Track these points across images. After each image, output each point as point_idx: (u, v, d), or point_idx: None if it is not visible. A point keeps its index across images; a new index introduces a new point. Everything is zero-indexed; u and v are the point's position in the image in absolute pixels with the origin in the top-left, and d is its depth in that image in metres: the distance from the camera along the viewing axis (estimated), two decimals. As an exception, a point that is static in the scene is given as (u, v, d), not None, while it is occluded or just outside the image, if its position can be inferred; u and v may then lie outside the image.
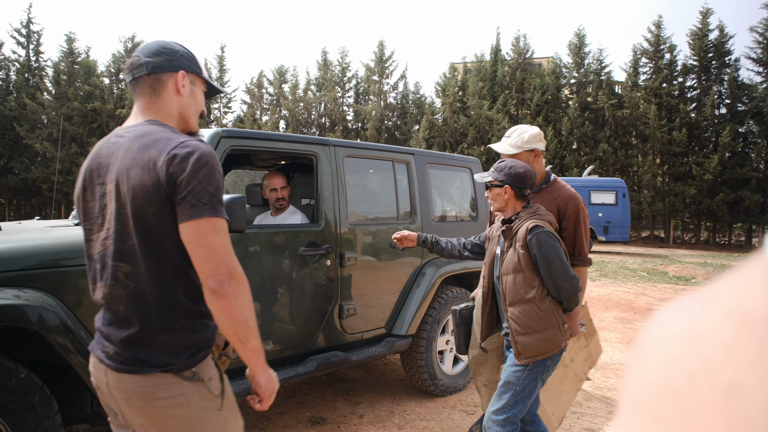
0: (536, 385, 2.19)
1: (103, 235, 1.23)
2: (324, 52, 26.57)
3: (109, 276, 1.21)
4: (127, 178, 1.18)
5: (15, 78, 22.62)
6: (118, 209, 1.20)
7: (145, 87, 1.29)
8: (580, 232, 2.44)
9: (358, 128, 25.61)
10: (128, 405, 1.19)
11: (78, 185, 1.32)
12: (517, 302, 2.16)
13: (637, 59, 21.63)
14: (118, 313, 1.21)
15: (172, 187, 1.15)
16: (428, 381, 3.67)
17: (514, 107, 23.50)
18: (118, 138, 1.27)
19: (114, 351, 1.20)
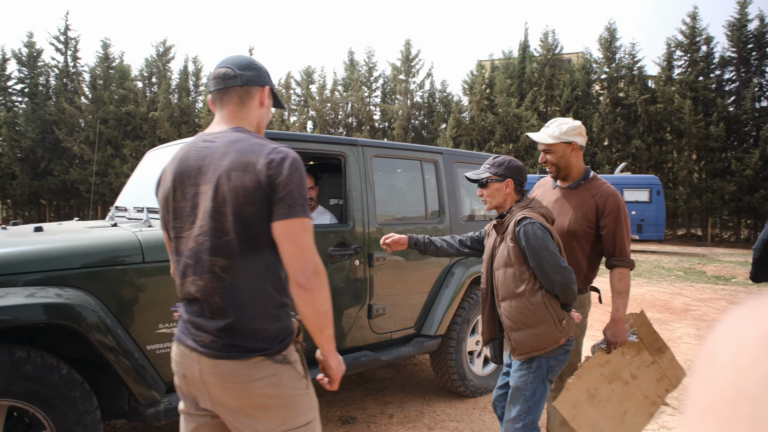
0: (545, 387, 2.13)
1: (195, 232, 1.32)
2: (350, 53, 26.68)
3: (205, 270, 1.30)
4: (227, 180, 1.28)
5: (54, 83, 23.43)
6: (214, 208, 1.29)
7: (234, 96, 1.40)
8: (620, 231, 2.34)
9: (384, 128, 25.61)
10: (224, 389, 1.28)
11: (166, 186, 1.39)
12: (509, 297, 2.12)
13: (671, 52, 21.00)
14: (214, 305, 1.29)
15: (271, 188, 1.27)
16: (458, 381, 3.64)
17: (543, 104, 23.13)
18: (207, 143, 1.36)
19: (210, 339, 1.28)
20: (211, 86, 1.44)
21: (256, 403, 1.29)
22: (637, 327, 2.47)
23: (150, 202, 3.03)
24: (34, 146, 22.03)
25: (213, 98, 1.44)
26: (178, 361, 1.38)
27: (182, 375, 1.37)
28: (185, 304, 1.38)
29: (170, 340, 2.38)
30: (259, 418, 1.30)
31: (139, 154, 21.72)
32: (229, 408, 1.32)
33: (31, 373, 1.95)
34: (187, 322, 1.35)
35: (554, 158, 2.45)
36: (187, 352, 1.33)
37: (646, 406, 2.46)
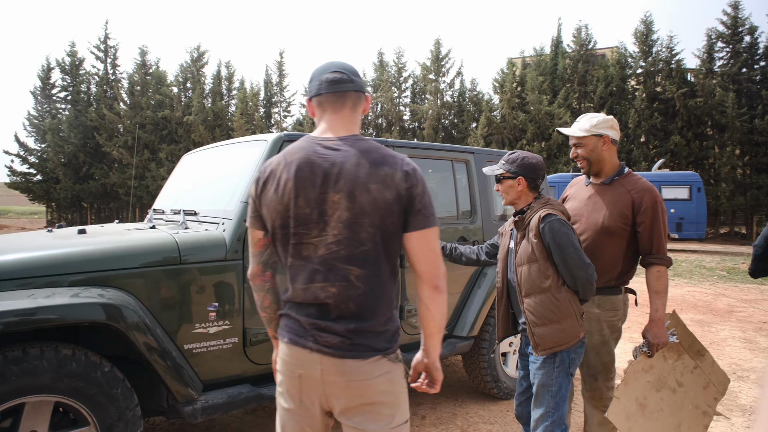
0: (569, 381, 2.15)
1: (326, 240, 1.34)
2: (380, 54, 26.75)
3: (339, 277, 1.34)
4: (366, 192, 1.32)
5: (95, 90, 24.32)
6: (350, 218, 1.32)
7: (349, 102, 1.44)
8: (657, 227, 2.28)
9: (414, 128, 25.56)
10: (347, 387, 1.34)
11: (286, 190, 1.37)
12: (533, 293, 2.11)
13: (711, 44, 20.29)
14: (346, 310, 1.34)
15: (409, 200, 1.35)
16: (491, 383, 3.60)
17: (575, 101, 22.67)
18: (330, 150, 1.37)
19: (338, 341, 1.33)
20: (323, 89, 1.43)
21: (372, 399, 1.35)
22: (674, 327, 2.40)
23: (186, 205, 3.11)
24: (76, 151, 22.94)
25: (323, 101, 1.44)
26: (291, 362, 1.39)
27: (297, 375, 1.39)
28: (304, 307, 1.39)
29: (206, 340, 2.45)
30: (372, 414, 1.36)
31: (175, 157, 22.31)
32: (344, 406, 1.37)
33: (75, 371, 2.02)
34: (308, 324, 1.36)
35: (585, 152, 2.39)
36: (307, 353, 1.36)
37: (699, 417, 2.37)
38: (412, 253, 1.39)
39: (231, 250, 2.54)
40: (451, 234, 3.52)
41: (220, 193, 2.93)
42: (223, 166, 3.19)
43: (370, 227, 1.33)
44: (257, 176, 1.46)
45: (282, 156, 1.42)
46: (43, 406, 2.01)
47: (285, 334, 1.41)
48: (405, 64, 26.21)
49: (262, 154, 2.74)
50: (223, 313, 2.51)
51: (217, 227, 2.63)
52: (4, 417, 1.97)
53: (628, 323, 5.95)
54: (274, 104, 26.61)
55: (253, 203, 1.46)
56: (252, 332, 2.58)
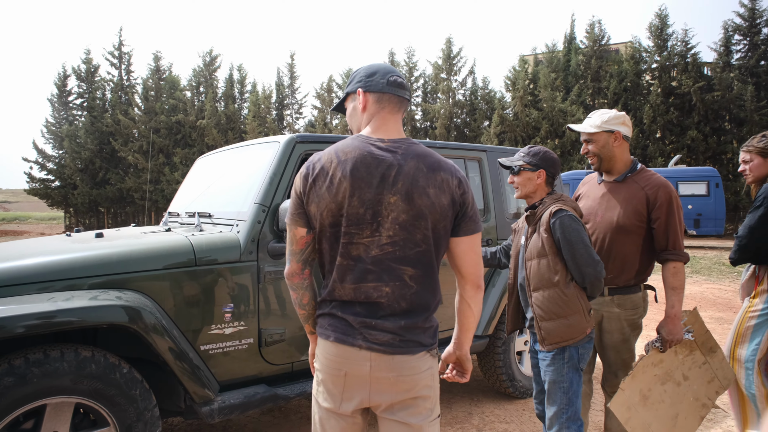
0: (579, 376, 2.16)
1: (380, 240, 1.37)
2: (391, 54, 26.72)
3: (393, 277, 1.37)
4: (425, 196, 1.37)
5: (110, 96, 24.67)
6: (406, 220, 1.36)
7: (404, 109, 1.50)
8: (673, 223, 2.26)
9: (426, 127, 25.52)
10: (396, 382, 1.38)
11: (342, 190, 1.36)
12: (542, 287, 2.14)
13: (728, 37, 19.96)
14: (398, 307, 1.38)
15: (462, 206, 1.42)
16: (507, 382, 3.58)
17: (589, 97, 22.45)
18: (386, 152, 1.39)
19: (389, 338, 1.37)
20: (388, 88, 1.45)
21: (417, 393, 1.40)
22: (691, 324, 2.39)
23: (201, 207, 3.13)
24: (93, 157, 23.30)
25: (384, 99, 1.46)
26: (337, 360, 1.40)
27: (343, 374, 1.40)
28: (351, 305, 1.40)
29: (222, 341, 2.47)
30: (414, 408, 1.41)
31: (189, 161, 22.55)
32: (390, 402, 1.40)
33: (95, 372, 2.05)
34: (356, 323, 1.38)
35: (596, 148, 2.38)
36: (356, 351, 1.38)
37: (697, 409, 2.41)
38: (460, 256, 1.46)
39: (245, 251, 2.55)
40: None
41: (233, 195, 2.94)
42: (237, 168, 3.21)
43: (425, 230, 1.37)
44: (305, 172, 1.44)
45: (334, 153, 1.41)
46: (64, 407, 2.04)
47: (330, 333, 1.42)
48: (416, 63, 26.19)
49: (275, 156, 2.76)
50: (239, 314, 2.52)
51: (232, 229, 2.65)
52: (26, 418, 2.01)
53: (645, 319, 5.89)
54: (286, 106, 26.76)
55: (299, 199, 1.44)
56: (267, 333, 2.59)
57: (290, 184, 2.65)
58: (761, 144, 2.59)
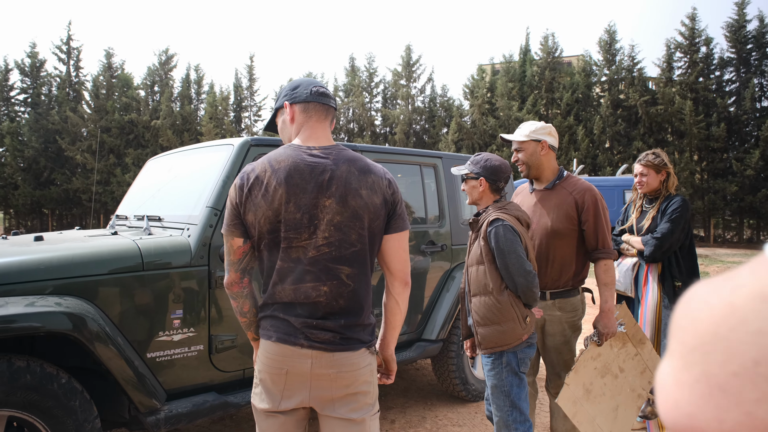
0: (520, 379, 2.21)
1: (316, 242, 1.42)
2: (351, 59, 26.73)
3: (330, 277, 1.43)
4: (358, 197, 1.43)
5: (57, 93, 23.55)
6: (341, 221, 1.42)
7: (330, 116, 1.57)
8: (600, 224, 2.40)
9: (386, 133, 25.64)
10: (336, 378, 1.43)
11: (278, 197, 1.41)
12: (479, 293, 2.21)
13: (670, 54, 21.01)
14: (336, 306, 1.44)
15: (392, 206, 1.50)
16: (460, 386, 3.63)
17: (543, 107, 23.13)
18: (317, 158, 1.46)
19: (330, 336, 1.42)
20: (312, 98, 1.52)
21: (357, 389, 1.46)
22: (622, 318, 2.55)
23: (150, 210, 3.04)
24: (36, 156, 22.14)
25: (310, 109, 1.53)
26: (278, 359, 1.44)
27: (284, 372, 1.44)
28: (292, 306, 1.45)
29: (170, 348, 2.40)
30: (355, 403, 1.46)
31: (141, 162, 21.80)
32: (330, 398, 1.45)
33: (30, 383, 1.95)
34: (298, 324, 1.43)
35: (525, 156, 2.49)
36: (297, 350, 1.42)
37: (634, 399, 2.55)
38: (389, 253, 1.53)
39: (196, 255, 2.50)
40: (420, 237, 3.54)
41: (185, 198, 2.88)
42: (189, 170, 3.14)
43: (360, 229, 1.44)
44: (239, 182, 1.47)
45: (267, 162, 1.46)
46: (-4, 420, 1.93)
47: (272, 334, 1.46)
48: (376, 69, 26.29)
49: (228, 159, 2.71)
50: (188, 320, 2.46)
51: (182, 233, 2.59)
52: (-47, 433, 1.89)
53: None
54: (245, 108, 26.30)
55: (235, 209, 1.47)
56: (218, 339, 2.54)
57: None
58: (656, 161, 3.00)
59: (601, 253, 2.39)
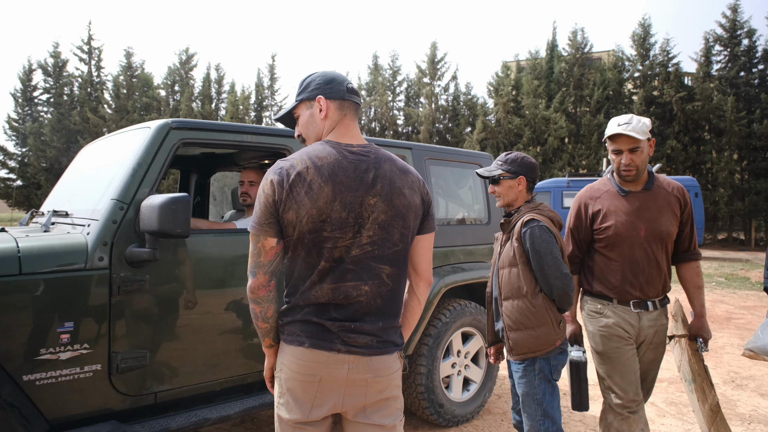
0: (553, 387, 2.13)
1: (360, 241, 1.38)
2: (375, 57, 26.40)
3: (372, 276, 1.39)
4: (402, 196, 1.42)
5: (78, 93, 23.85)
6: (385, 220, 1.39)
7: (356, 113, 1.54)
8: (693, 223, 2.32)
9: (408, 132, 25.15)
10: (373, 383, 1.39)
11: (323, 196, 1.36)
12: (511, 297, 2.13)
13: (709, 47, 19.88)
14: (374, 306, 1.40)
15: (426, 205, 1.50)
16: (429, 409, 3.05)
17: (572, 105, 22.24)
18: (360, 156, 1.43)
19: (368, 340, 1.38)
20: (348, 96, 1.50)
21: (391, 394, 1.44)
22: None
23: (58, 205, 2.67)
24: (59, 156, 22.46)
25: (346, 106, 1.50)
26: (312, 366, 1.38)
27: (317, 379, 1.38)
28: (326, 309, 1.39)
29: (56, 368, 2.00)
30: (387, 409, 1.43)
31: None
32: (362, 404, 1.41)
33: None
34: (334, 328, 1.37)
35: (640, 158, 2.19)
36: (333, 355, 1.37)
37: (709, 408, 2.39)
38: (419, 253, 1.52)
39: (94, 257, 2.09)
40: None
41: (93, 189, 2.50)
42: (105, 158, 2.75)
43: (403, 228, 1.42)
44: (278, 178, 1.38)
45: (307, 158, 1.40)
46: None
47: (305, 340, 1.39)
48: (399, 67, 25.88)
49: (143, 143, 2.35)
50: (81, 334, 2.05)
51: (83, 230, 2.21)
52: None
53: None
54: (266, 108, 26.23)
55: (272, 207, 1.38)
56: (121, 357, 2.13)
57: (161, 176, 2.31)
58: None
59: (694, 254, 2.32)
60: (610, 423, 2.23)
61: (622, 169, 2.19)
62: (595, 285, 2.27)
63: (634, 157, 2.17)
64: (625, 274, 2.20)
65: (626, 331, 2.22)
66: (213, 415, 2.33)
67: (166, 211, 2.02)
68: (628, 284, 2.20)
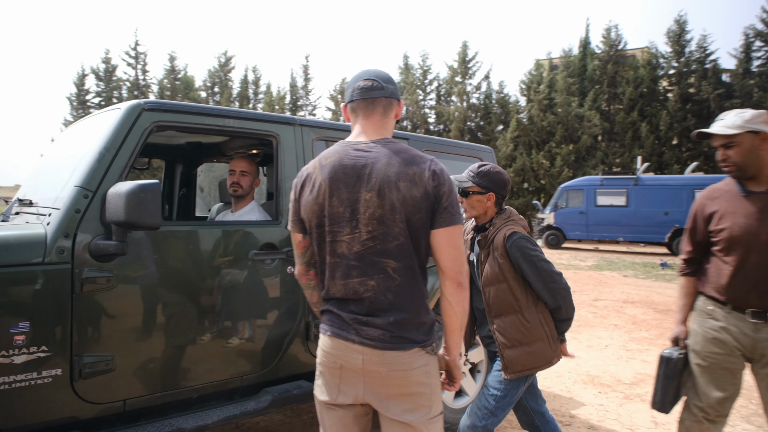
0: (518, 393, 2.07)
1: (360, 237, 1.41)
2: (405, 57, 26.64)
3: (377, 271, 1.40)
4: (396, 190, 1.39)
5: (126, 96, 25.18)
6: (383, 215, 1.39)
7: (379, 107, 1.51)
8: None
9: (440, 130, 25.32)
10: (387, 377, 1.40)
11: (321, 191, 1.45)
12: (503, 313, 2.06)
13: (749, 43, 19.21)
14: (385, 302, 1.41)
15: (436, 198, 1.41)
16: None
17: (605, 103, 21.91)
18: (361, 152, 1.45)
19: (379, 333, 1.39)
20: (355, 96, 1.52)
21: (411, 390, 1.41)
22: None
23: (23, 193, 2.62)
24: (108, 154, 23.74)
25: (356, 107, 1.53)
26: (334, 354, 1.45)
27: (339, 366, 1.45)
28: (344, 302, 1.45)
29: (9, 373, 1.82)
30: (410, 404, 1.42)
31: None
32: (383, 396, 1.42)
33: None
34: (349, 320, 1.43)
35: (739, 154, 2.00)
36: (350, 345, 1.41)
37: None
38: (438, 249, 1.45)
39: (53, 250, 1.89)
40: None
41: (57, 176, 2.30)
42: (76, 141, 2.54)
43: (400, 222, 1.40)
44: (295, 181, 1.54)
45: (317, 160, 1.50)
46: None
47: (327, 328, 1.47)
48: (430, 66, 26.02)
49: (112, 126, 2.14)
50: (39, 335, 1.85)
51: (43, 220, 2.03)
52: None
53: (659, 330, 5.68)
54: (300, 107, 26.89)
55: (294, 206, 1.53)
56: (84, 361, 1.93)
57: (131, 162, 2.12)
58: None
59: None
60: (683, 421, 2.12)
61: (720, 165, 2.07)
62: (709, 288, 2.09)
63: (729, 152, 2.02)
64: (742, 280, 1.98)
65: (736, 340, 2.00)
66: (189, 424, 2.11)
67: (134, 199, 1.81)
68: (745, 291, 1.97)
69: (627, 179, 15.59)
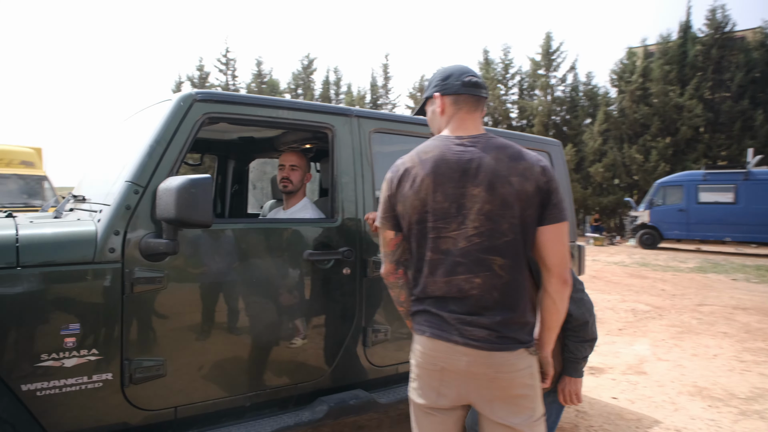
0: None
1: (467, 232, 1.39)
2: (485, 51, 25.90)
3: (483, 268, 1.38)
4: (508, 185, 1.37)
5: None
6: (491, 210, 1.37)
7: (482, 106, 1.53)
8: None
9: (523, 125, 24.38)
10: (494, 379, 1.37)
11: (424, 187, 1.42)
12: None
13: None
14: (491, 300, 1.38)
15: (547, 194, 1.40)
16: (469, 423, 2.98)
17: (708, 91, 19.94)
18: (465, 147, 1.44)
19: (485, 333, 1.37)
20: (463, 90, 1.50)
21: (517, 392, 1.39)
22: None
23: (78, 188, 2.59)
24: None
25: (461, 100, 1.50)
26: (435, 356, 1.42)
27: (439, 368, 1.42)
28: (445, 301, 1.42)
29: (59, 377, 1.78)
30: (514, 407, 1.39)
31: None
32: (487, 398, 1.40)
33: None
34: (452, 319, 1.40)
35: None
36: (452, 346, 1.39)
37: None
38: (545, 246, 1.42)
39: (104, 248, 1.82)
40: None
41: (110, 171, 2.23)
42: (127, 136, 2.49)
43: (512, 218, 1.37)
44: (390, 176, 1.51)
45: (415, 154, 1.48)
46: None
47: (426, 329, 1.44)
48: (512, 60, 25.11)
49: (163, 118, 2.05)
50: (89, 338, 1.80)
51: (94, 217, 1.96)
52: None
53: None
54: (380, 106, 27.05)
55: (388, 202, 1.51)
56: (136, 365, 1.87)
57: (182, 156, 2.02)
58: None
59: None
60: None
61: None
62: None
63: None
64: None
65: None
66: None
67: (185, 195, 1.72)
68: None
69: (736, 174, 14.15)
